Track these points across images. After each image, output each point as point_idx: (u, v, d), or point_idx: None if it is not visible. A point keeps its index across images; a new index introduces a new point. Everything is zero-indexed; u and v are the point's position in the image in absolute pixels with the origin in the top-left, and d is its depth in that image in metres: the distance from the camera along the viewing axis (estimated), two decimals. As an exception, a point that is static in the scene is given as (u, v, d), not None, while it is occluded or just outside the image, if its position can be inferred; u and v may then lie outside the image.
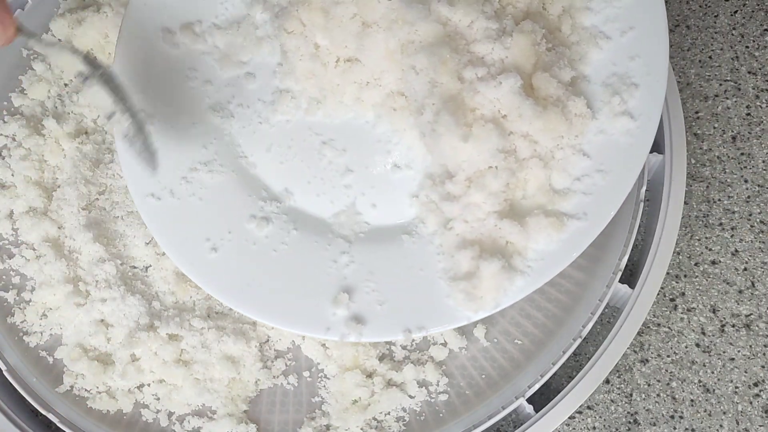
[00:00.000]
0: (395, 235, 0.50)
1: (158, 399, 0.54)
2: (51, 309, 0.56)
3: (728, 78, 0.67)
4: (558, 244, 0.47)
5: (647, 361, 0.58)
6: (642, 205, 0.58)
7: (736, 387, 0.57)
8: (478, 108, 0.48)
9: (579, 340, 0.54)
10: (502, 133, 0.47)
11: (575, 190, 0.48)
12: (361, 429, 0.52)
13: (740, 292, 0.59)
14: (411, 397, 0.53)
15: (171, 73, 0.54)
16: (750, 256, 0.60)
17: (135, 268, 0.57)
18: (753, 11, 0.69)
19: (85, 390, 0.54)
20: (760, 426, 0.55)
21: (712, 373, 0.57)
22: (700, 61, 0.68)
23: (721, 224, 0.62)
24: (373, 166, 0.52)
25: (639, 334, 0.58)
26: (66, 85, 0.63)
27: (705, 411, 0.56)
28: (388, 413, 0.53)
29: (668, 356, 0.58)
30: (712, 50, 0.68)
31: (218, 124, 0.54)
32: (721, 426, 0.56)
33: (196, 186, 0.52)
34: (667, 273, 0.57)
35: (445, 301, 0.47)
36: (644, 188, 0.58)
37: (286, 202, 0.52)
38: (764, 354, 0.57)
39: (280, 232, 0.51)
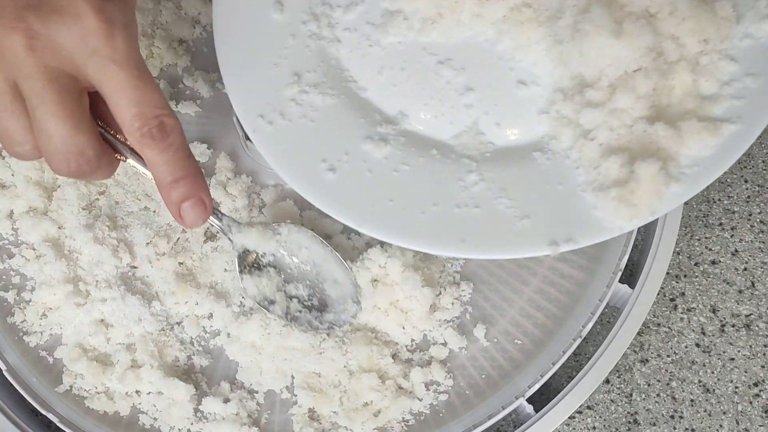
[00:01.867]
0: (525, 153, 0.47)
1: (156, 408, 0.54)
2: (51, 309, 0.56)
3: (728, 78, 0.67)
4: (713, 149, 0.44)
5: (647, 361, 0.58)
6: (642, 205, 0.58)
7: (736, 387, 0.57)
8: (627, 5, 0.45)
9: (579, 340, 0.54)
10: (654, 30, 0.45)
11: (725, 95, 0.45)
12: (363, 429, 0.52)
13: (740, 292, 0.59)
14: (419, 400, 0.53)
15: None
16: (750, 256, 0.60)
17: (135, 268, 0.57)
18: (753, 11, 0.69)
19: (84, 390, 0.54)
20: (760, 426, 0.55)
21: (712, 373, 0.57)
22: (700, 61, 0.68)
23: (721, 224, 0.62)
24: (496, 84, 0.49)
25: (639, 334, 0.58)
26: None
27: (705, 411, 0.56)
28: (397, 420, 0.53)
29: (668, 356, 0.58)
30: (712, 50, 0.68)
31: (324, 47, 0.51)
32: (721, 426, 0.56)
33: (306, 108, 0.49)
34: (667, 273, 0.57)
35: (592, 213, 0.45)
36: (644, 188, 0.58)
37: (402, 125, 0.49)
38: (764, 354, 0.57)
39: (399, 152, 0.48)
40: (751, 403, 0.56)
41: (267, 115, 0.49)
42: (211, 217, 0.48)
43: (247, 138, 0.60)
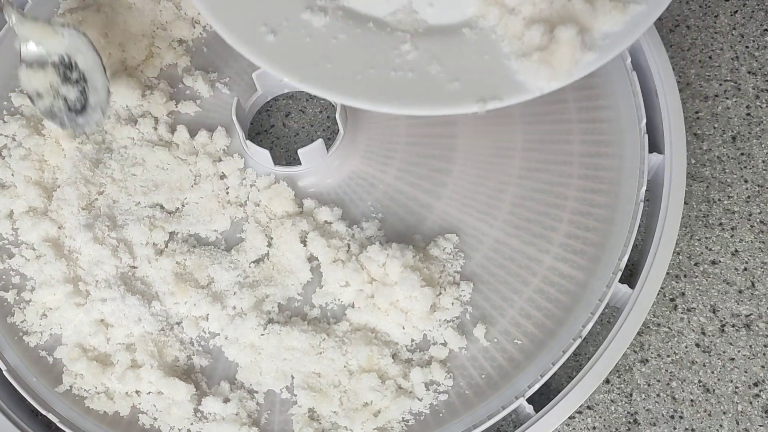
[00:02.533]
0: (455, 30, 0.50)
1: (156, 408, 0.54)
2: (51, 309, 0.56)
3: (728, 78, 0.67)
4: (621, 26, 0.48)
5: (647, 361, 0.58)
6: (642, 205, 0.58)
7: (736, 387, 0.57)
8: None
9: (579, 340, 0.54)
10: None
11: None
12: (363, 429, 0.52)
13: (740, 292, 0.59)
14: (419, 400, 0.53)
15: None
16: (750, 256, 0.60)
17: (135, 268, 0.57)
18: (753, 11, 0.69)
19: (84, 390, 0.54)
20: (760, 426, 0.55)
21: (712, 373, 0.57)
22: (700, 61, 0.68)
23: (721, 224, 0.62)
24: None
25: (639, 334, 0.58)
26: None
27: (705, 411, 0.56)
28: (397, 420, 0.53)
29: (668, 356, 0.58)
30: (712, 50, 0.68)
31: None
32: (721, 426, 0.56)
33: None
34: (667, 273, 0.57)
35: (515, 77, 0.48)
36: (644, 188, 0.58)
37: (340, 1, 0.51)
38: (764, 354, 0.57)
39: (337, 23, 0.50)
40: (751, 403, 0.56)
41: None
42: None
43: (247, 138, 0.60)
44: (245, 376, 0.54)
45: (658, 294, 0.56)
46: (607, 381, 0.57)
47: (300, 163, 0.60)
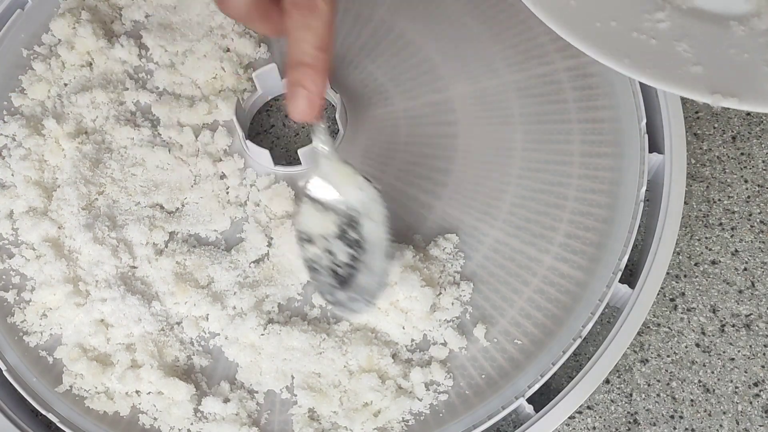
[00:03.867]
0: (722, 19, 0.47)
1: (156, 408, 0.53)
2: (51, 309, 0.56)
3: (728, 78, 0.67)
4: None
5: (647, 361, 0.58)
6: (642, 205, 0.58)
7: (736, 387, 0.57)
8: None
9: (579, 340, 0.54)
10: None
11: None
12: (363, 429, 0.52)
13: (740, 292, 0.59)
14: (419, 400, 0.53)
15: None
16: (750, 256, 0.60)
17: (135, 268, 0.57)
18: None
19: (84, 390, 0.54)
20: (760, 426, 0.55)
21: (712, 373, 0.57)
22: (700, 61, 0.68)
23: (721, 224, 0.62)
24: None
25: (639, 334, 0.58)
26: (66, 84, 0.63)
27: (705, 411, 0.56)
28: (397, 420, 0.53)
29: (668, 356, 0.58)
30: (712, 50, 0.68)
31: None
32: (721, 426, 0.56)
33: None
34: (667, 273, 0.57)
35: (765, 85, 0.44)
36: (644, 188, 0.58)
37: None
38: (764, 354, 0.57)
39: None
40: (751, 403, 0.56)
41: None
42: (316, 123, 0.47)
43: (247, 138, 0.60)
44: (245, 376, 0.54)
45: (658, 294, 0.56)
46: (607, 381, 0.57)
47: (300, 163, 0.60)
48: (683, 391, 0.57)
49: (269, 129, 0.65)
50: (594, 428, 0.56)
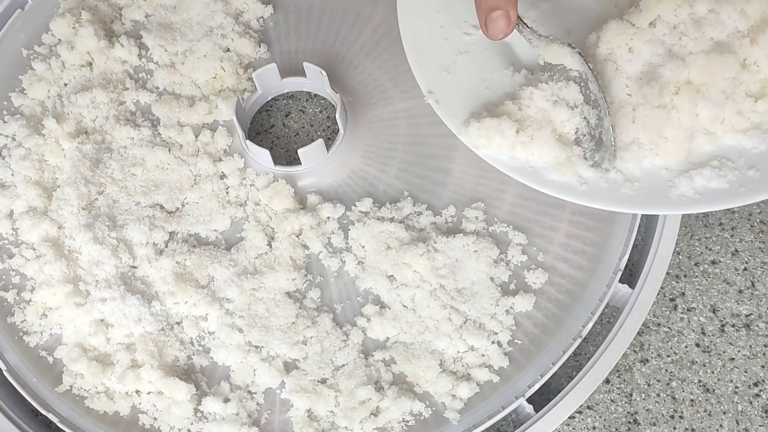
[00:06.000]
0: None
1: (156, 408, 0.53)
2: (51, 309, 0.56)
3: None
4: None
5: (647, 361, 0.58)
6: (642, 205, 0.58)
7: (736, 387, 0.57)
8: None
9: (579, 340, 0.54)
10: None
11: None
12: (363, 429, 0.52)
13: (740, 292, 0.59)
14: (420, 401, 0.53)
15: None
16: (750, 256, 0.60)
17: (135, 267, 0.57)
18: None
19: (84, 390, 0.54)
20: (760, 426, 0.55)
21: (712, 373, 0.57)
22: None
23: (721, 224, 0.62)
24: None
25: (639, 334, 0.58)
26: (66, 84, 0.63)
27: (705, 411, 0.56)
28: (397, 420, 0.53)
29: (668, 356, 0.58)
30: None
31: None
32: (721, 426, 0.56)
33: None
34: (667, 273, 0.57)
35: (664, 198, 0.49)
36: (644, 188, 0.58)
37: None
38: (764, 354, 0.57)
39: None
40: (751, 403, 0.56)
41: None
42: (519, 28, 0.51)
43: (247, 138, 0.60)
44: (239, 379, 0.54)
45: (658, 294, 0.56)
46: (607, 381, 0.57)
47: (300, 163, 0.60)
48: (683, 391, 0.57)
49: (269, 129, 0.65)
50: (594, 428, 0.56)
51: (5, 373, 0.55)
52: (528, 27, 0.52)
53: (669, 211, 0.50)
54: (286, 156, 0.64)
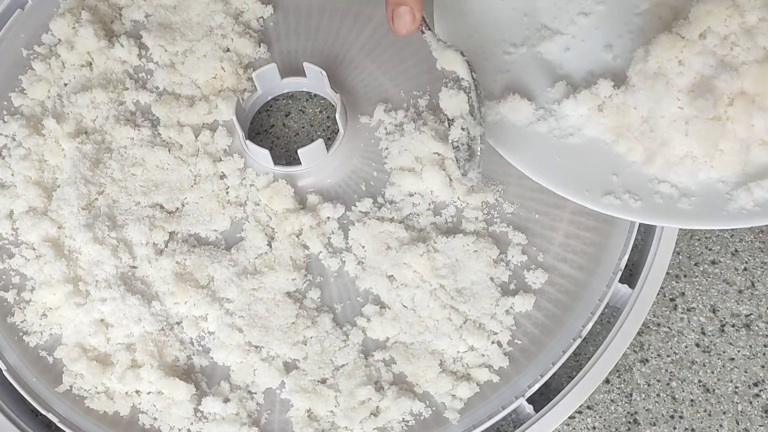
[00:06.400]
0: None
1: (156, 408, 0.53)
2: (51, 309, 0.56)
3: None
4: None
5: (647, 361, 0.58)
6: (642, 205, 0.58)
7: (736, 387, 0.57)
8: None
9: (579, 340, 0.54)
10: None
11: None
12: (363, 429, 0.52)
13: (740, 292, 0.59)
14: (420, 401, 0.53)
15: None
16: (750, 256, 0.60)
17: (135, 268, 0.57)
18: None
19: (84, 390, 0.54)
20: (760, 426, 0.55)
21: (712, 373, 0.57)
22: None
23: (721, 224, 0.62)
24: None
25: (639, 334, 0.58)
26: (66, 84, 0.63)
27: (705, 411, 0.56)
28: (397, 420, 0.52)
29: (668, 356, 0.58)
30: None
31: None
32: (721, 426, 0.56)
33: None
34: (667, 273, 0.57)
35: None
36: (644, 188, 0.58)
37: None
38: (764, 354, 0.57)
39: None
40: (751, 403, 0.56)
41: None
42: (422, 29, 0.53)
43: (247, 138, 0.60)
44: (239, 379, 0.54)
45: (658, 294, 0.56)
46: (607, 381, 0.57)
47: (300, 163, 0.60)
48: (683, 391, 0.57)
49: (269, 129, 0.65)
50: (594, 428, 0.56)
51: (5, 373, 0.55)
52: (430, 30, 0.54)
53: (730, 225, 0.49)
54: (286, 156, 0.64)
